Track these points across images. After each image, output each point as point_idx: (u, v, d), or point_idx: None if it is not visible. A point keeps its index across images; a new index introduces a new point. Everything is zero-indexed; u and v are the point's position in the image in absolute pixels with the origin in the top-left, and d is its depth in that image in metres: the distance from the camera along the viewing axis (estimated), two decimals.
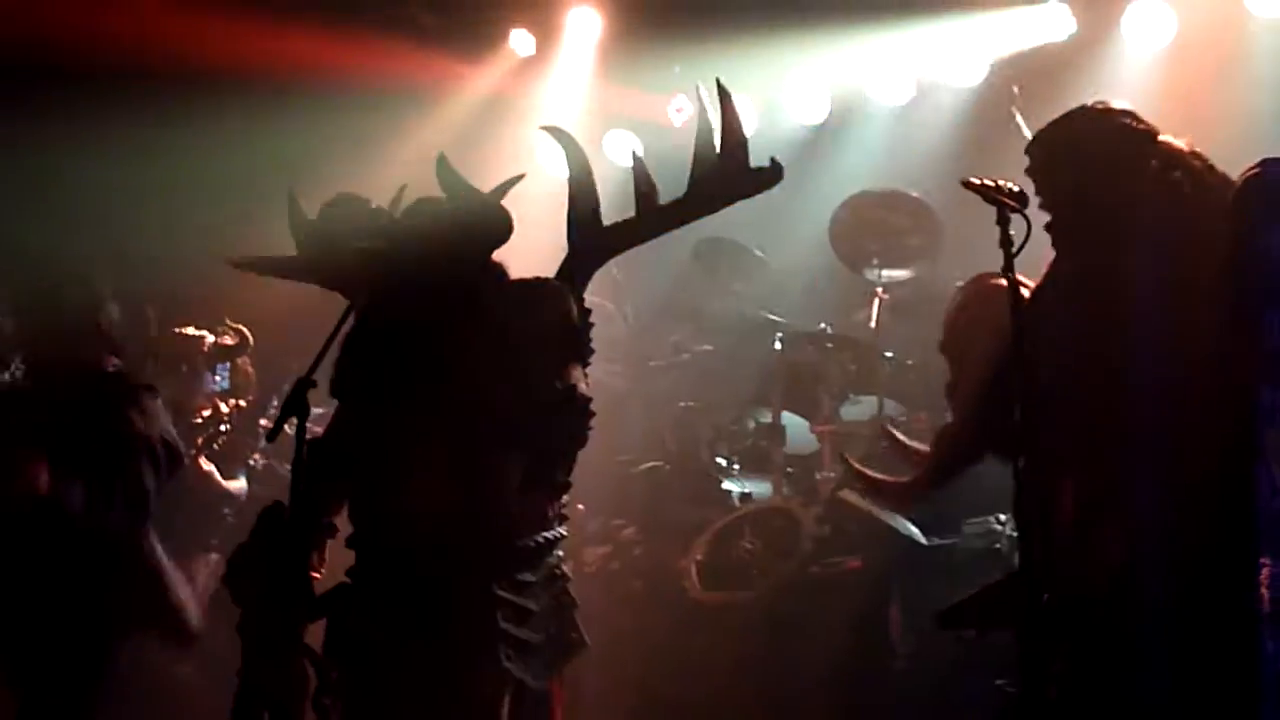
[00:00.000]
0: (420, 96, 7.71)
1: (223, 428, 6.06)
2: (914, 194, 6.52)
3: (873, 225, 6.53)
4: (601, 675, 5.21)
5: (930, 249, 6.50)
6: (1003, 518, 5.11)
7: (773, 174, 3.37)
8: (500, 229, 3.27)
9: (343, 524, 3.36)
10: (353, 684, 3.16)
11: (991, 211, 3.11)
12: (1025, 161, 3.53)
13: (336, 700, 3.13)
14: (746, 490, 6.34)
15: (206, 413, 6.13)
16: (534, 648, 3.16)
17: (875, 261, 6.56)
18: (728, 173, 3.36)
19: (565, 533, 3.34)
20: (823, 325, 6.57)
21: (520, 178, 3.37)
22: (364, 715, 3.16)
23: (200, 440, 5.96)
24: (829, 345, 6.48)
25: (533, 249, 3.43)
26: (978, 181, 3.16)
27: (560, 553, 3.32)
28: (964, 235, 5.76)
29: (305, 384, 2.99)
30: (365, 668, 3.17)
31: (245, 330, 6.39)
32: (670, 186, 3.41)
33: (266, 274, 3.78)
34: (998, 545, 5.09)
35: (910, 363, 6.35)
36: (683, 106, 7.82)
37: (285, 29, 7.09)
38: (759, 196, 3.41)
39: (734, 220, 6.80)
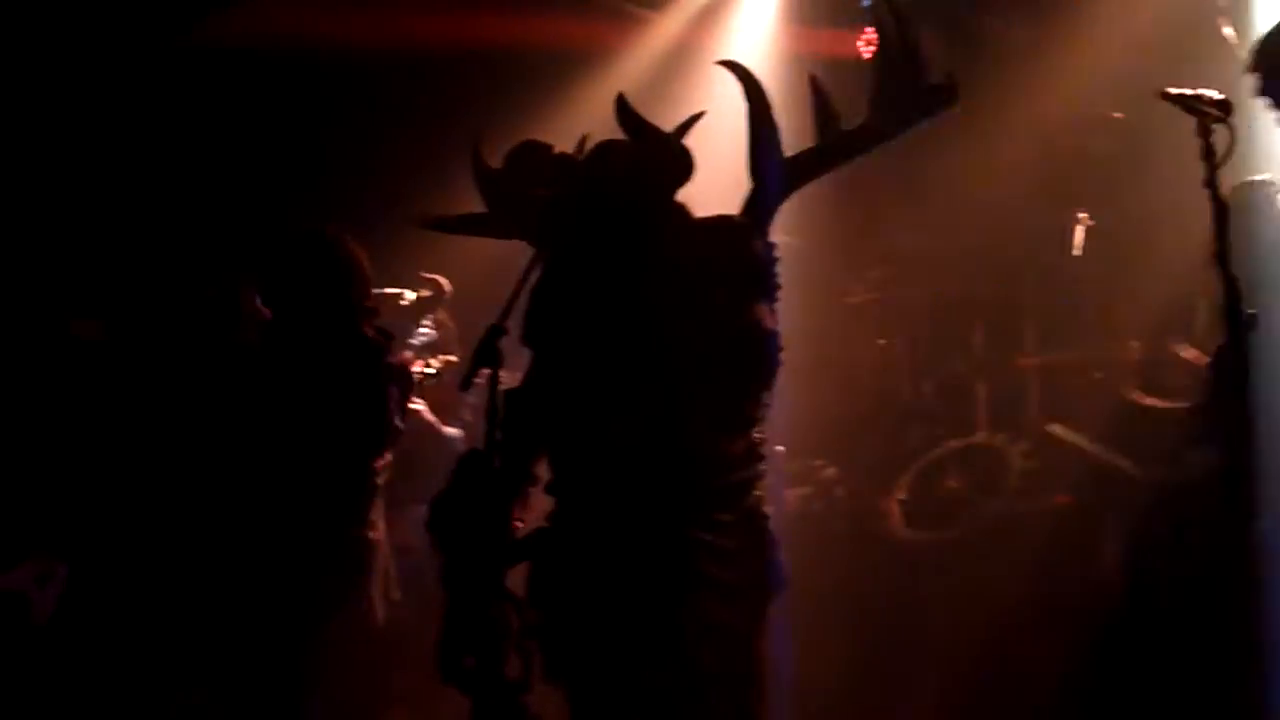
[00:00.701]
0: (604, 49, 7.72)
1: (428, 372, 6.18)
2: (1116, 115, 6.26)
3: (1072, 149, 6.31)
4: (805, 617, 5.18)
5: (1136, 171, 6.25)
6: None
7: (949, 92, 3.26)
8: (682, 167, 3.23)
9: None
10: (554, 629, 3.19)
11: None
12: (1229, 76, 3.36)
13: (538, 645, 3.17)
14: (950, 428, 6.21)
15: (416, 368, 6.27)
16: (735, 589, 3.12)
17: (1080, 189, 6.34)
18: (906, 93, 3.26)
19: (763, 471, 3.29)
20: (1025, 255, 6.37)
21: (700, 115, 3.32)
22: (565, 660, 3.19)
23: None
24: (1032, 276, 6.29)
25: (719, 191, 3.38)
26: (1176, 91, 3.01)
27: (759, 492, 3.27)
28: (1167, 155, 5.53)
29: (496, 332, 3.03)
30: (566, 613, 3.19)
31: (440, 279, 6.49)
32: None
33: (453, 233, 3.82)
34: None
35: (1117, 290, 6.12)
36: (874, 39, 7.61)
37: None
38: (958, 126, 3.31)
39: (930, 151, 6.70)
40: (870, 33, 7.59)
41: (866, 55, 7.59)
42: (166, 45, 6.84)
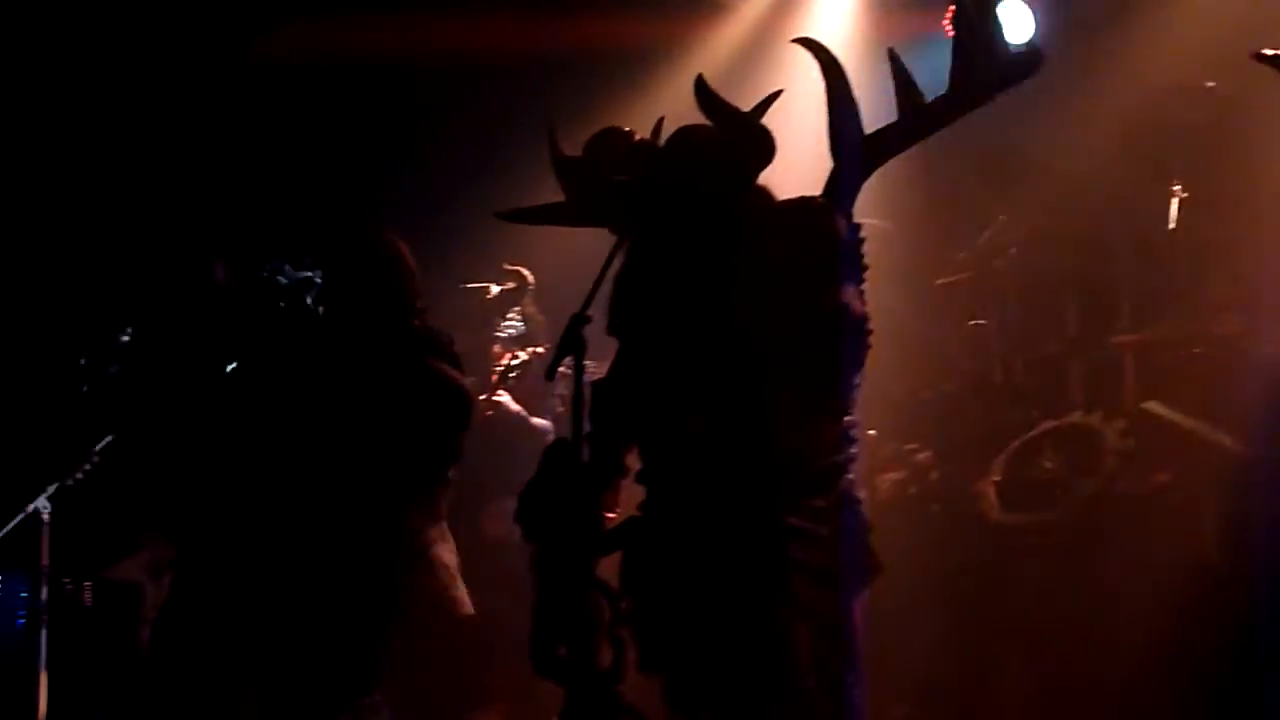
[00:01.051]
0: (683, 38, 7.70)
1: (515, 363, 6.20)
2: (1209, 84, 6.12)
3: (1167, 122, 6.18)
4: (901, 602, 5.14)
5: (1231, 141, 6.11)
6: None
7: (1031, 59, 3.22)
8: (763, 148, 3.22)
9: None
10: (647, 618, 3.19)
11: None
12: None
13: (632, 635, 3.17)
14: (1044, 408, 6.11)
15: (504, 360, 6.30)
16: (828, 574, 3.10)
17: (1173, 161, 6.20)
18: (988, 62, 3.21)
19: (854, 455, 3.26)
20: (1118, 231, 6.25)
21: (778, 94, 3.31)
22: (660, 649, 3.19)
23: (495, 378, 6.13)
24: (1127, 252, 6.17)
25: (801, 175, 3.36)
26: (1272, 53, 2.94)
27: (851, 476, 3.25)
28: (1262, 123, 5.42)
29: (580, 320, 3.03)
30: (659, 601, 3.19)
31: (523, 271, 6.52)
32: None
33: (533, 223, 3.83)
34: None
35: (1216, 264, 5.99)
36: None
37: None
38: (1042, 101, 3.25)
39: (1016, 126, 6.59)
40: (951, 10, 7.50)
41: (950, 34, 7.49)
42: (256, 45, 6.96)
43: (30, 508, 5.15)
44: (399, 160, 7.31)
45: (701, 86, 3.24)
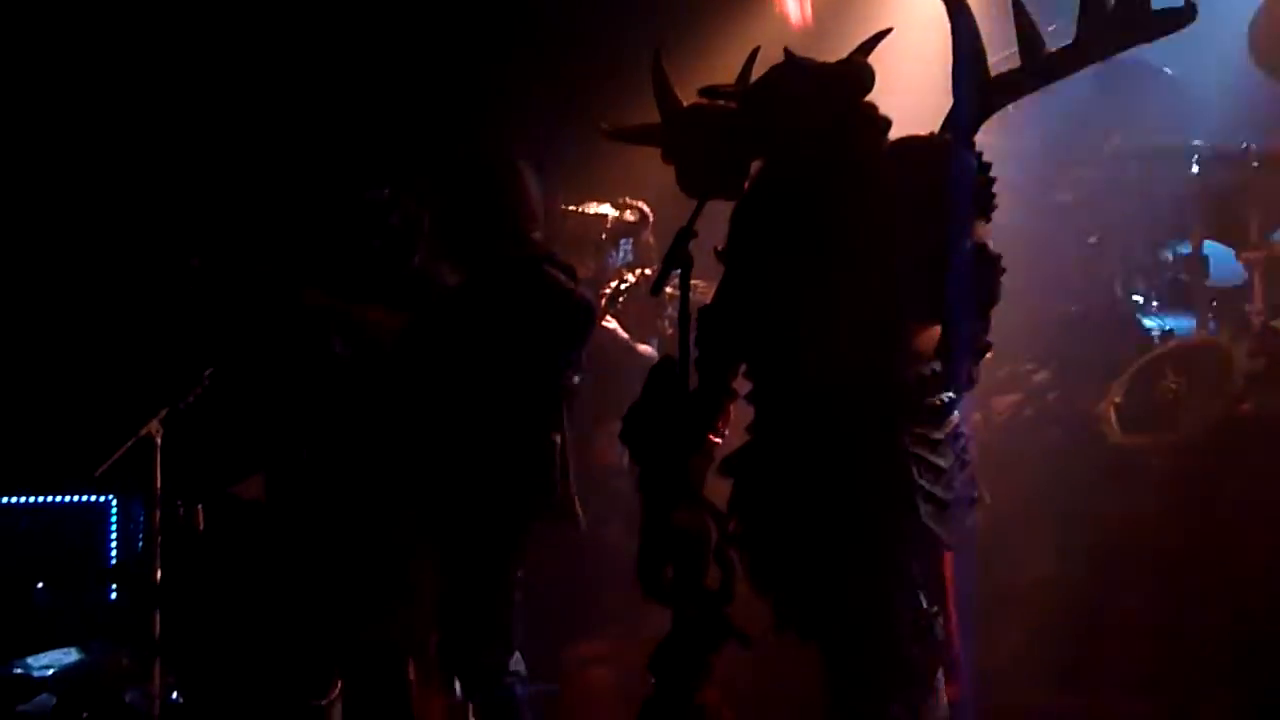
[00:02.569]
0: None
1: (623, 287, 6.17)
2: None
3: None
4: (1019, 528, 5.04)
5: None
6: None
7: (1184, 14, 3.00)
8: (862, 75, 3.11)
9: None
10: (758, 539, 3.15)
11: None
12: None
13: (742, 556, 3.13)
14: (1167, 327, 5.94)
15: (614, 284, 6.27)
16: (946, 504, 3.05)
17: None
18: (1125, 14, 3.01)
19: (972, 384, 3.18)
20: (1246, 144, 6.02)
21: (887, 32, 3.20)
22: (770, 570, 3.14)
23: (604, 302, 6.11)
24: (1254, 165, 5.93)
25: (911, 117, 3.25)
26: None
27: (958, 411, 3.19)
28: None
29: (686, 235, 2.99)
30: (771, 522, 3.14)
31: (645, 207, 6.48)
32: None
33: (639, 143, 3.76)
34: None
35: None
36: None
37: None
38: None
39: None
40: None
41: None
42: None
43: (142, 432, 5.23)
44: (515, 79, 7.28)
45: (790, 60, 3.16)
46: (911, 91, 3.44)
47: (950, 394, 3.10)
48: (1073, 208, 6.53)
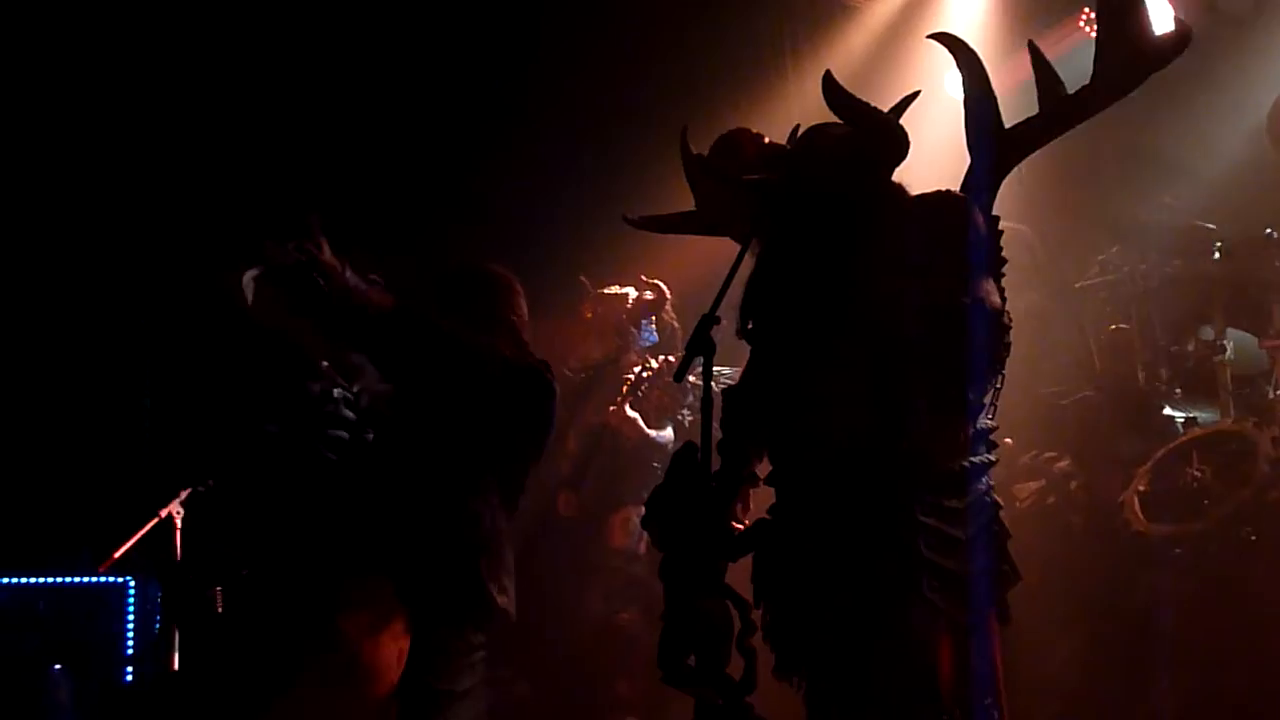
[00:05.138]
0: (814, 41, 7.64)
1: (644, 374, 6.18)
2: None
3: None
4: (1042, 617, 4.99)
5: None
6: None
7: (1179, 38, 3.05)
8: (895, 144, 3.12)
9: None
10: (780, 623, 3.11)
11: None
12: None
13: (766, 640, 3.09)
14: (1191, 415, 5.90)
15: (637, 368, 6.28)
16: (963, 580, 2.97)
17: None
18: (1132, 45, 3.06)
19: (993, 459, 3.13)
20: (1269, 230, 6.02)
21: (916, 94, 3.22)
22: (793, 654, 3.10)
23: (624, 390, 6.11)
24: (1275, 251, 5.94)
25: (938, 176, 3.26)
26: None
27: (989, 480, 3.13)
28: None
29: (709, 321, 2.99)
30: (792, 605, 3.10)
31: (661, 284, 6.52)
32: None
33: (662, 231, 3.78)
34: None
35: None
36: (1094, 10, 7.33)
37: None
38: (1182, 102, 3.09)
39: (1156, 128, 6.41)
40: (1088, 12, 7.33)
41: (1089, 34, 7.33)
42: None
43: (163, 513, 5.23)
44: (533, 162, 7.32)
45: (830, 83, 3.15)
46: (941, 151, 3.44)
47: (970, 460, 3.04)
48: (1095, 292, 6.54)
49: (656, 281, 6.57)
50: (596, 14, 7.09)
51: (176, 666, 4.86)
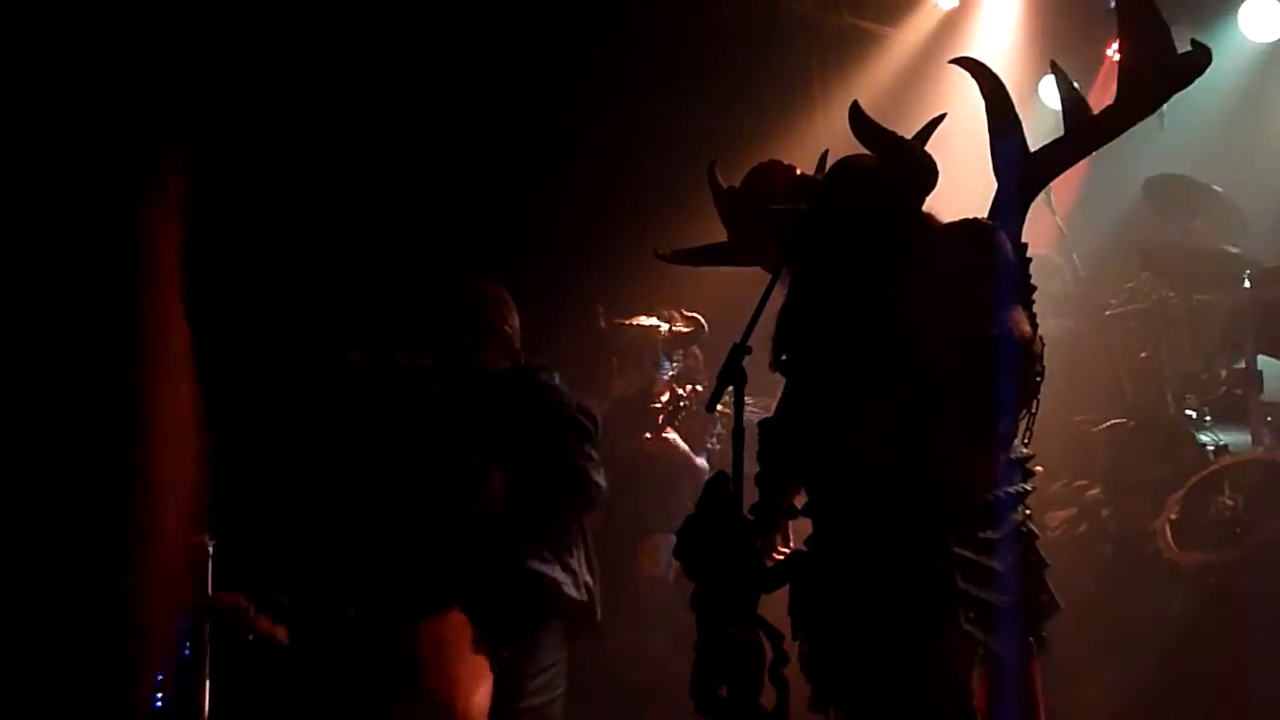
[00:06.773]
0: (841, 70, 7.65)
1: (681, 404, 6.18)
2: None
3: None
4: (1073, 647, 4.96)
5: None
6: None
7: (1199, 56, 3.06)
8: (923, 174, 3.13)
9: None
10: (814, 653, 3.11)
11: None
12: None
13: (803, 671, 3.09)
14: (1222, 442, 5.87)
15: (665, 397, 6.28)
16: (999, 610, 2.97)
17: None
18: (1153, 65, 3.08)
19: (1029, 488, 3.14)
20: None
21: (941, 118, 3.23)
22: (827, 684, 3.10)
23: (661, 418, 6.11)
24: None
25: (972, 199, 3.26)
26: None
27: (1026, 509, 3.14)
28: None
29: (740, 351, 2.99)
30: (828, 636, 3.10)
31: (700, 318, 6.51)
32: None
33: (694, 264, 3.81)
34: None
35: None
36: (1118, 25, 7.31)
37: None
38: (1212, 130, 3.11)
39: (1187, 156, 6.39)
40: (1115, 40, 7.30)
41: (1115, 58, 7.29)
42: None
43: (194, 540, 5.22)
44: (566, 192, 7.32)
45: (857, 113, 3.17)
46: (969, 174, 3.46)
47: (1005, 490, 3.05)
48: (1123, 320, 6.52)
49: (695, 315, 6.56)
50: (624, 47, 7.11)
51: (207, 695, 4.86)
